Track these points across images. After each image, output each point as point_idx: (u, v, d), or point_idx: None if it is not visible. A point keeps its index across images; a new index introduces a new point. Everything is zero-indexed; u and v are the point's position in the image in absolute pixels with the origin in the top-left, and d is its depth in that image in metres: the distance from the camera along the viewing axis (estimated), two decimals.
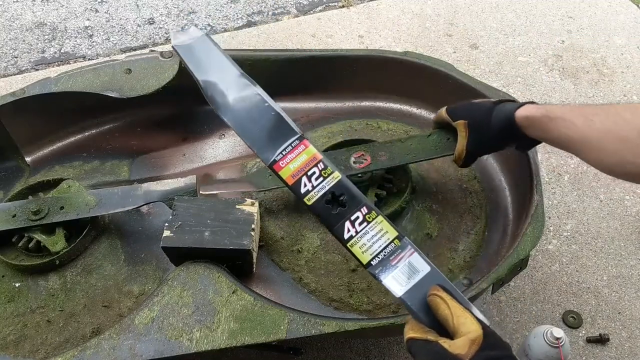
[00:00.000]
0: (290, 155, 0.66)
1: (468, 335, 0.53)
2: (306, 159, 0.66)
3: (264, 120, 0.69)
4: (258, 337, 0.71)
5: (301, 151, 0.66)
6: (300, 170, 0.65)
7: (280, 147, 0.67)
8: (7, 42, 1.68)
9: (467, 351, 0.51)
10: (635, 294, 1.10)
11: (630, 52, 1.61)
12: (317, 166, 0.66)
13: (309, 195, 0.64)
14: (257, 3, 1.83)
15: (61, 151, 1.06)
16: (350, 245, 0.62)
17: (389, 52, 1.07)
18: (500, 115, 0.75)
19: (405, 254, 0.61)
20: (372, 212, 0.63)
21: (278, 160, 0.66)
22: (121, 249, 0.91)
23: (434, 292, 0.57)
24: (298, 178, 0.65)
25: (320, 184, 0.65)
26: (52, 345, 0.82)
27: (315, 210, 0.64)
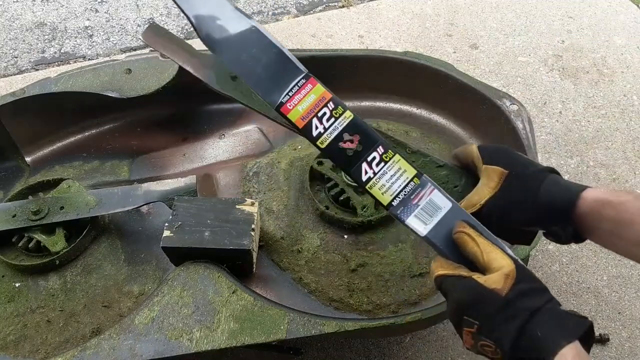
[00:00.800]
0: (297, 95, 0.61)
1: (502, 270, 0.52)
2: (315, 98, 0.61)
3: (266, 58, 0.63)
4: (258, 337, 0.71)
5: (309, 90, 0.62)
6: (310, 111, 0.61)
7: (287, 88, 0.61)
8: (7, 42, 1.68)
9: (503, 285, 0.51)
10: (635, 294, 1.10)
11: (630, 52, 1.61)
12: (327, 106, 0.61)
13: (321, 138, 0.61)
14: (257, 3, 1.83)
15: (61, 151, 1.06)
16: (370, 187, 0.60)
17: (389, 52, 1.07)
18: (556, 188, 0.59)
19: (425, 191, 0.59)
20: (388, 151, 0.60)
21: (285, 102, 0.61)
22: (121, 249, 0.91)
23: (461, 230, 0.56)
24: (308, 120, 0.61)
25: (333, 124, 0.61)
26: (52, 345, 0.82)
27: (329, 152, 0.61)
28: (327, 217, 0.92)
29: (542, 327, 0.49)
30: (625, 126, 1.42)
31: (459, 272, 0.54)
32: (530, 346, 0.49)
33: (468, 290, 0.53)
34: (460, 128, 1.07)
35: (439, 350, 1.02)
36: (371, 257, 0.89)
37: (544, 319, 0.50)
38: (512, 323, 0.50)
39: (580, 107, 1.47)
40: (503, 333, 0.50)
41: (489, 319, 0.51)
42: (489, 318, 0.51)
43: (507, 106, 0.95)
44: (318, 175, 0.96)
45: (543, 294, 0.52)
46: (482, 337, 0.52)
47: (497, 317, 0.51)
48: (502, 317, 0.50)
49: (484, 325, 0.51)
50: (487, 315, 0.51)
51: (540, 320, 0.50)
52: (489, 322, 0.51)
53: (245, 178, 1.01)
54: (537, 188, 0.59)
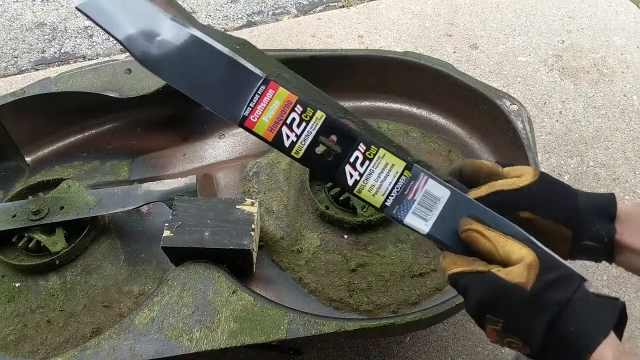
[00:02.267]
0: (260, 105, 0.54)
1: (523, 261, 0.47)
2: (280, 104, 0.54)
3: (216, 69, 0.55)
4: (258, 337, 0.71)
5: (271, 97, 0.55)
6: (277, 120, 0.54)
7: (247, 98, 0.54)
8: (7, 42, 1.68)
9: (527, 278, 0.46)
10: (635, 294, 1.10)
11: (630, 52, 1.61)
12: (295, 110, 0.54)
13: (295, 147, 0.54)
14: (257, 3, 1.83)
15: (61, 151, 1.06)
16: (358, 191, 0.54)
17: (389, 52, 1.07)
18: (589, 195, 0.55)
19: (419, 183, 0.54)
20: (371, 147, 0.54)
21: (248, 115, 0.54)
22: (121, 249, 0.91)
23: (467, 227, 0.51)
24: (277, 130, 0.54)
25: (305, 129, 0.54)
26: (52, 345, 0.82)
27: (307, 162, 0.55)
28: (327, 217, 0.92)
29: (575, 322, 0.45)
30: (625, 126, 1.42)
31: (476, 267, 0.49)
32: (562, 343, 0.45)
33: (489, 287, 0.48)
34: (460, 128, 1.07)
35: (439, 350, 1.02)
36: (371, 257, 0.89)
37: (576, 311, 0.45)
38: (540, 319, 0.46)
39: (580, 107, 1.47)
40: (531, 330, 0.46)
41: (514, 317, 0.47)
42: (514, 315, 0.47)
43: (507, 106, 0.95)
44: (318, 175, 0.96)
45: (571, 281, 0.47)
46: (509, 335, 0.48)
47: (523, 313, 0.47)
48: (529, 314, 0.46)
49: (509, 323, 0.47)
50: (511, 313, 0.47)
51: (572, 313, 0.45)
52: (514, 320, 0.47)
53: (245, 178, 1.01)
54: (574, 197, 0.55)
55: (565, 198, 0.55)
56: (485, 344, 1.03)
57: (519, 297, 0.46)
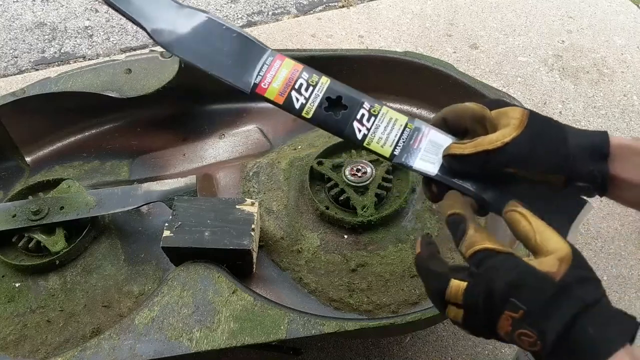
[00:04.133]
0: (269, 73, 0.60)
1: (557, 252, 0.46)
2: (287, 72, 0.61)
3: (227, 45, 0.62)
4: (258, 337, 0.71)
5: (279, 66, 0.61)
6: (286, 85, 0.60)
7: (257, 68, 0.60)
8: (7, 42, 1.68)
9: (558, 269, 0.45)
10: (635, 294, 1.10)
11: (630, 52, 1.61)
12: (301, 77, 0.61)
13: (305, 109, 0.60)
14: (257, 3, 1.83)
15: (61, 151, 1.06)
16: (367, 144, 0.59)
17: (389, 52, 1.07)
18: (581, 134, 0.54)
19: (423, 133, 0.58)
20: (374, 105, 0.60)
21: (259, 83, 0.60)
22: (121, 249, 0.91)
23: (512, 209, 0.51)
24: (287, 94, 0.60)
25: (313, 93, 0.60)
26: (52, 345, 0.82)
27: (317, 121, 0.60)
28: (327, 217, 0.92)
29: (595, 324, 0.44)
30: (625, 126, 1.42)
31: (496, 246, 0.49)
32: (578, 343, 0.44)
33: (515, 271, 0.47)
34: None
35: (439, 350, 1.02)
36: (371, 257, 0.89)
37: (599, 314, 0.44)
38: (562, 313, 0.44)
39: (580, 107, 1.47)
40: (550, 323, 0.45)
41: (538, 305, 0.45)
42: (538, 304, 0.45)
43: None
44: (318, 175, 0.96)
45: (599, 286, 0.46)
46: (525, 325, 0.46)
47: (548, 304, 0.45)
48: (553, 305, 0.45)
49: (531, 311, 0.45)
50: (536, 301, 0.45)
51: (594, 315, 0.44)
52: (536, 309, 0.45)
53: (245, 178, 1.01)
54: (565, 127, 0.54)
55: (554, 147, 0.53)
56: (486, 344, 1.03)
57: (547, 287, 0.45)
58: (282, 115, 1.12)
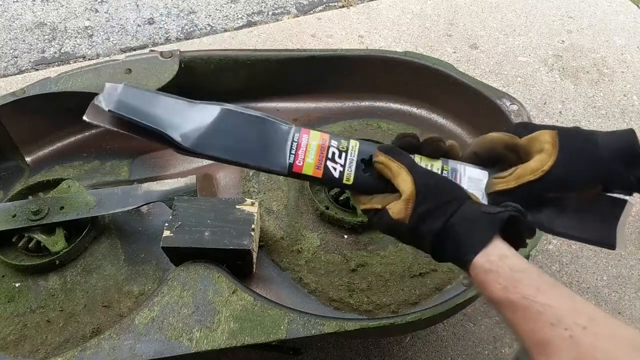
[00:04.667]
0: (300, 150, 0.59)
1: (404, 195, 0.53)
2: (317, 144, 0.59)
3: (251, 132, 0.60)
4: (258, 337, 0.71)
5: (307, 140, 0.59)
6: (320, 158, 0.59)
7: (287, 147, 0.59)
8: (7, 42, 1.68)
9: (404, 214, 0.53)
10: (635, 294, 1.10)
11: (630, 52, 1.61)
12: (331, 145, 0.59)
13: (345, 176, 0.59)
14: (257, 3, 1.83)
15: (61, 151, 1.06)
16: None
17: (389, 52, 1.07)
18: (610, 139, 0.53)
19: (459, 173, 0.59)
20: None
21: (294, 162, 0.59)
22: (121, 249, 0.91)
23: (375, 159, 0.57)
24: (323, 166, 0.59)
25: (347, 158, 0.59)
26: (52, 345, 0.82)
27: (359, 186, 0.59)
28: (327, 217, 0.92)
29: (450, 246, 0.51)
30: (625, 126, 1.41)
31: (373, 205, 0.56)
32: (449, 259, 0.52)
33: (383, 223, 0.55)
34: (460, 128, 1.07)
35: (439, 350, 1.02)
36: (371, 257, 0.89)
37: (450, 236, 0.51)
38: (424, 245, 0.53)
39: (580, 107, 1.47)
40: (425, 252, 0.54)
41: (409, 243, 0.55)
42: (408, 242, 0.55)
43: (507, 106, 0.95)
44: None
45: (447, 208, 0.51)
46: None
47: (412, 241, 0.54)
48: (416, 242, 0.54)
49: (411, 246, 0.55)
50: (406, 241, 0.55)
51: (446, 239, 0.51)
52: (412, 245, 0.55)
53: (245, 178, 1.01)
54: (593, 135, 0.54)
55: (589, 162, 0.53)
56: (485, 344, 1.03)
57: (402, 230, 0.53)
58: (282, 115, 1.12)
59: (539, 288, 0.45)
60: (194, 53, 1.03)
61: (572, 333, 0.41)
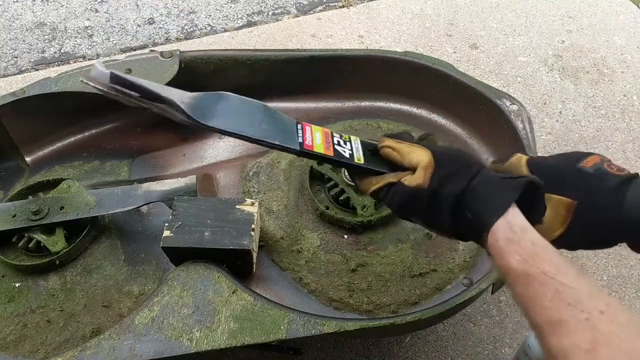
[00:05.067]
0: (307, 135, 0.62)
1: (420, 164, 0.54)
2: (321, 133, 0.63)
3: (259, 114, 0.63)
4: (258, 337, 0.71)
5: (310, 130, 0.63)
6: (327, 142, 0.62)
7: (295, 131, 0.62)
8: (7, 42, 1.68)
9: (424, 179, 0.53)
10: (635, 294, 1.10)
11: (630, 52, 1.61)
12: (334, 136, 0.63)
13: (355, 157, 0.61)
14: (257, 3, 1.83)
15: (61, 151, 1.06)
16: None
17: (389, 52, 1.07)
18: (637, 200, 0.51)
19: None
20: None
21: (303, 142, 0.61)
22: (121, 249, 0.91)
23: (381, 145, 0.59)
24: (333, 148, 0.62)
25: (352, 146, 0.63)
26: (52, 345, 0.82)
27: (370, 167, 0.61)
28: (327, 217, 0.92)
29: (471, 207, 0.50)
30: (625, 126, 1.42)
31: (387, 180, 0.57)
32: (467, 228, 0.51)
33: (399, 195, 0.55)
34: (460, 128, 1.07)
35: (439, 350, 1.02)
36: (371, 257, 0.89)
37: (472, 198, 0.50)
38: (442, 211, 0.52)
39: (580, 107, 1.47)
40: (440, 222, 0.53)
41: (426, 213, 0.54)
42: (425, 212, 0.54)
43: (507, 106, 0.95)
44: (318, 175, 0.96)
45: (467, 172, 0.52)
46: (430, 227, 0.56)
47: (429, 209, 0.53)
48: (434, 209, 0.53)
49: (426, 218, 0.55)
50: (422, 211, 0.54)
51: (468, 200, 0.51)
52: (428, 215, 0.54)
53: (245, 178, 1.01)
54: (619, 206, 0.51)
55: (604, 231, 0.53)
56: (485, 344, 1.03)
57: (422, 197, 0.53)
58: None
59: (559, 267, 0.44)
60: (194, 53, 1.03)
61: (589, 316, 0.41)
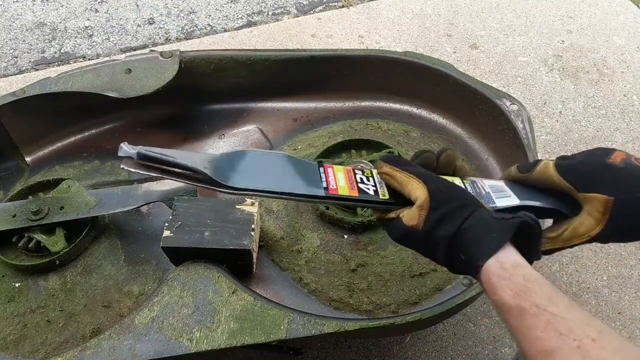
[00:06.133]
0: (330, 178, 0.61)
1: (417, 201, 0.54)
2: (343, 173, 0.62)
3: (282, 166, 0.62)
4: (258, 337, 0.71)
5: (332, 171, 0.63)
6: (350, 182, 0.61)
7: (318, 176, 0.61)
8: (7, 42, 1.68)
9: (419, 220, 0.53)
10: (635, 294, 1.10)
11: (630, 52, 1.61)
12: (357, 173, 0.63)
13: (380, 193, 0.61)
14: (257, 3, 1.83)
15: (61, 151, 1.06)
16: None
17: (389, 52, 1.07)
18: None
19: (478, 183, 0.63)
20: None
21: (328, 187, 0.61)
22: (121, 249, 0.91)
23: (379, 170, 0.59)
24: (357, 188, 0.61)
25: (375, 181, 0.62)
26: (52, 345, 0.82)
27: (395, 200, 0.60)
28: (327, 217, 0.92)
29: (463, 249, 0.51)
30: (625, 126, 1.42)
31: (389, 215, 0.58)
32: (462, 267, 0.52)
33: (396, 231, 0.56)
34: (460, 128, 1.07)
35: (439, 350, 1.02)
36: (371, 257, 0.89)
37: (463, 240, 0.51)
38: (438, 251, 0.53)
39: (580, 107, 1.47)
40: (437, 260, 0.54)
41: (422, 250, 0.55)
42: (421, 249, 0.55)
43: (507, 106, 0.95)
44: None
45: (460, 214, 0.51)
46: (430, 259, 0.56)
47: (425, 248, 0.54)
48: (429, 249, 0.54)
49: (424, 254, 0.55)
50: (419, 248, 0.55)
51: (459, 243, 0.51)
52: (424, 252, 0.55)
53: None
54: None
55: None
56: (485, 344, 1.03)
57: (417, 237, 0.53)
58: (282, 115, 1.12)
59: (551, 298, 0.45)
60: (194, 53, 1.03)
61: (581, 344, 0.41)
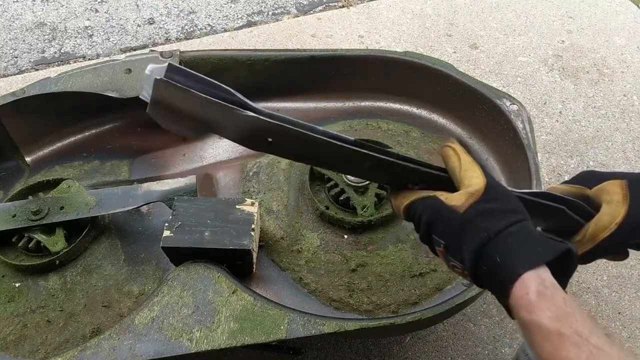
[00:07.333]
0: None
1: (468, 188, 0.51)
2: None
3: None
4: (258, 337, 0.71)
5: None
6: None
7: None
8: (7, 42, 1.68)
9: (463, 203, 0.50)
10: (635, 294, 1.10)
11: (630, 52, 1.61)
12: None
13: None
14: (257, 3, 1.83)
15: (61, 151, 1.06)
16: None
17: (389, 52, 1.07)
18: None
19: None
20: None
21: None
22: (121, 249, 0.91)
23: (448, 144, 0.56)
24: None
25: None
26: (52, 345, 0.82)
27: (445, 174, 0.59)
28: (327, 217, 0.92)
29: (502, 252, 0.47)
30: (625, 126, 1.42)
31: (423, 194, 0.54)
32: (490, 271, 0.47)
33: (431, 209, 0.52)
34: (460, 128, 1.07)
35: (439, 350, 1.02)
36: (371, 257, 0.89)
37: (506, 242, 0.47)
38: (470, 244, 0.48)
39: (580, 107, 1.47)
40: (465, 254, 0.49)
41: (452, 238, 0.50)
42: (452, 237, 0.50)
43: (507, 106, 0.95)
44: (318, 175, 0.96)
45: (510, 216, 0.48)
46: (450, 257, 0.51)
47: (458, 236, 0.49)
48: (463, 238, 0.49)
49: (449, 244, 0.51)
50: (449, 234, 0.50)
51: (500, 243, 0.47)
52: (452, 242, 0.50)
53: (245, 178, 1.01)
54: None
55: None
56: (485, 344, 1.03)
57: (453, 220, 0.49)
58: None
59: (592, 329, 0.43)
60: (194, 53, 1.03)
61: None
